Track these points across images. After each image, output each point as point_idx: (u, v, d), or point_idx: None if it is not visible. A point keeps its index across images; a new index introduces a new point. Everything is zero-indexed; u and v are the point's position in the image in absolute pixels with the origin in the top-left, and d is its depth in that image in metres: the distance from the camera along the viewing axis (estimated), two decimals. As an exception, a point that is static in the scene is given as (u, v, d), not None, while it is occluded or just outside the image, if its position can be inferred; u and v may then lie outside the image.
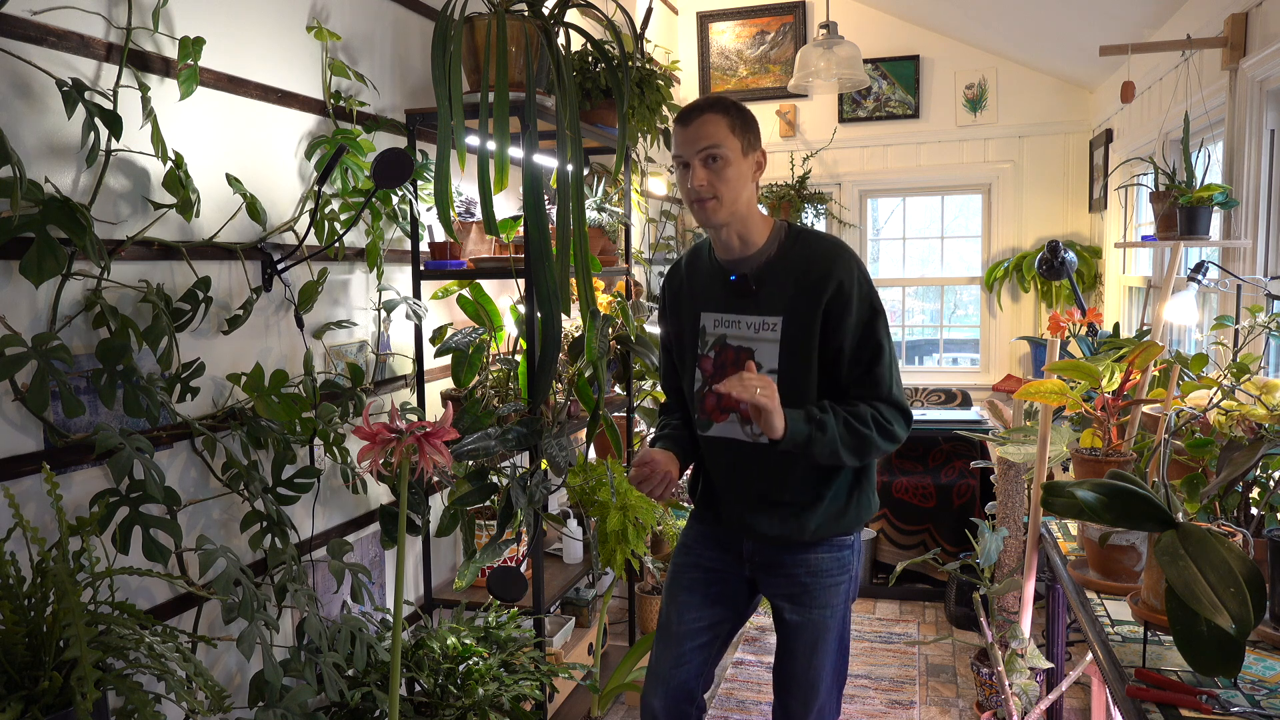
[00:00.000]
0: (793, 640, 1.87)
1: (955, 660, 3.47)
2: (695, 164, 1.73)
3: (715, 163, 1.73)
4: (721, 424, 1.84)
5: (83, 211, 1.44)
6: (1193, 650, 1.23)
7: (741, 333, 1.82)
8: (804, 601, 1.85)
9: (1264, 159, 2.63)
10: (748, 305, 1.81)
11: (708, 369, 1.86)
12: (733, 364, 1.81)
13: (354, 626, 1.87)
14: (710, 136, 1.72)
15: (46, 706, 1.23)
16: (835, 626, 1.86)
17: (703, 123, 1.73)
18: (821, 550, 1.85)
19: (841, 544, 1.87)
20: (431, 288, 2.69)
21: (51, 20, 1.55)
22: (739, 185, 1.75)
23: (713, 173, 1.73)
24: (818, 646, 1.84)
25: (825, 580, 1.85)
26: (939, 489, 3.99)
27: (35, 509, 1.53)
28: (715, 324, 1.86)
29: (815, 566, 1.84)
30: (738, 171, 1.75)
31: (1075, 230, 4.86)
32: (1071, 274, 3.92)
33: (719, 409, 1.84)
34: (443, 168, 1.97)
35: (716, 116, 1.74)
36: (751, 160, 1.78)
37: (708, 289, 1.88)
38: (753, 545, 1.89)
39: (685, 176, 1.75)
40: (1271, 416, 1.73)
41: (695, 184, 1.73)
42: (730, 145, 1.73)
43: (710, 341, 1.86)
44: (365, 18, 2.42)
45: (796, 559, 1.85)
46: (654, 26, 4.49)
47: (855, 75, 3.72)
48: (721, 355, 1.84)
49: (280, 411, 1.86)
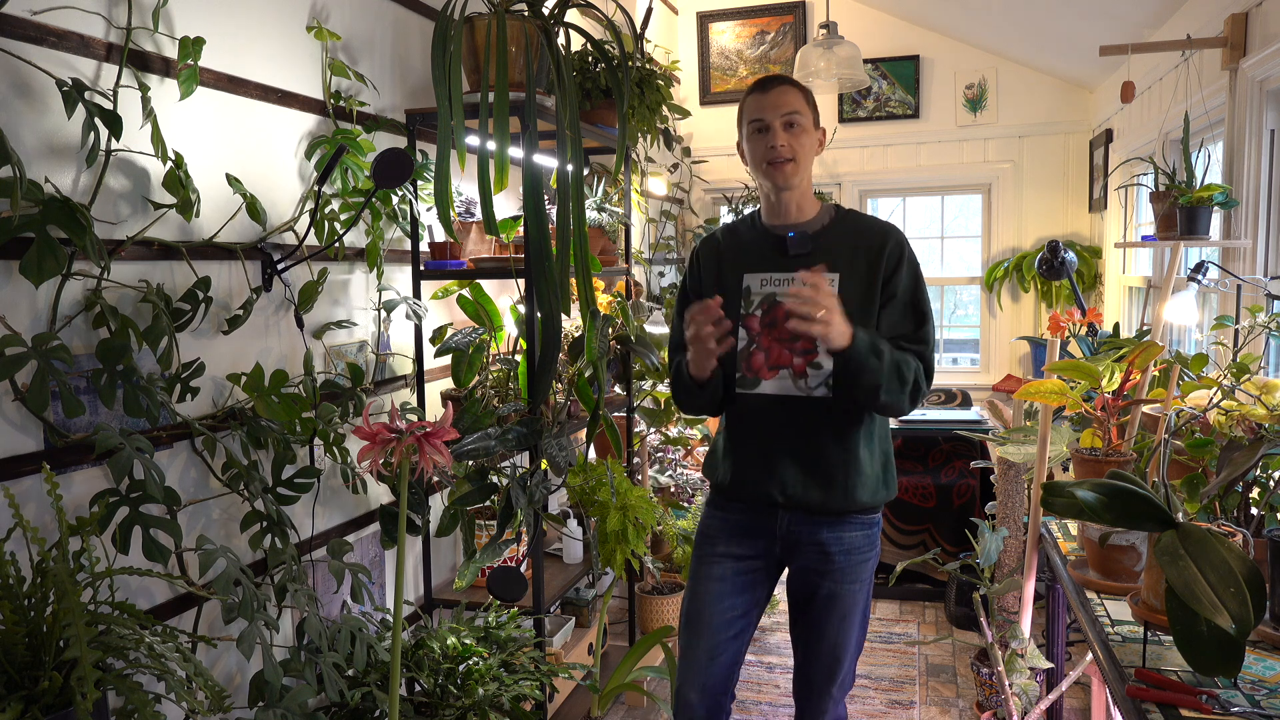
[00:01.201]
0: (823, 614, 1.91)
1: (955, 660, 3.47)
2: (777, 126, 1.85)
3: (794, 128, 1.86)
4: (771, 380, 1.88)
5: (83, 211, 1.44)
6: (1193, 650, 1.23)
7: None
8: (836, 577, 1.90)
9: (1264, 159, 2.63)
10: (803, 263, 1.86)
11: (754, 327, 1.90)
12: (784, 320, 1.81)
13: (354, 626, 1.87)
14: (791, 104, 1.86)
15: (46, 706, 1.23)
16: (862, 600, 1.93)
17: (783, 91, 1.87)
18: (854, 528, 1.90)
19: (872, 521, 1.93)
20: (431, 288, 2.69)
21: (51, 20, 1.55)
22: (810, 153, 1.90)
23: (792, 136, 1.86)
24: (847, 619, 1.91)
25: (856, 557, 1.91)
26: (939, 489, 3.99)
27: (35, 509, 1.53)
28: (763, 283, 1.91)
29: (849, 544, 1.90)
30: (811, 140, 1.90)
31: (1075, 230, 4.86)
32: (1071, 274, 3.92)
33: (768, 365, 1.88)
34: (443, 168, 1.97)
35: (793, 88, 1.88)
36: (817, 135, 1.93)
37: (752, 253, 1.95)
38: (788, 519, 1.90)
39: (763, 140, 1.86)
40: (1271, 416, 1.73)
41: (778, 143, 1.84)
42: (806, 115, 1.88)
43: (756, 301, 1.91)
44: (365, 18, 2.42)
45: (831, 535, 1.89)
46: (654, 26, 4.49)
47: (855, 75, 3.72)
48: (771, 312, 1.88)
49: (280, 411, 1.86)
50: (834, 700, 1.96)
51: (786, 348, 1.86)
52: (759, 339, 1.89)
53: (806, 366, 1.85)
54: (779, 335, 1.86)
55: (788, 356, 1.86)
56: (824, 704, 1.96)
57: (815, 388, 1.84)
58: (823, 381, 1.84)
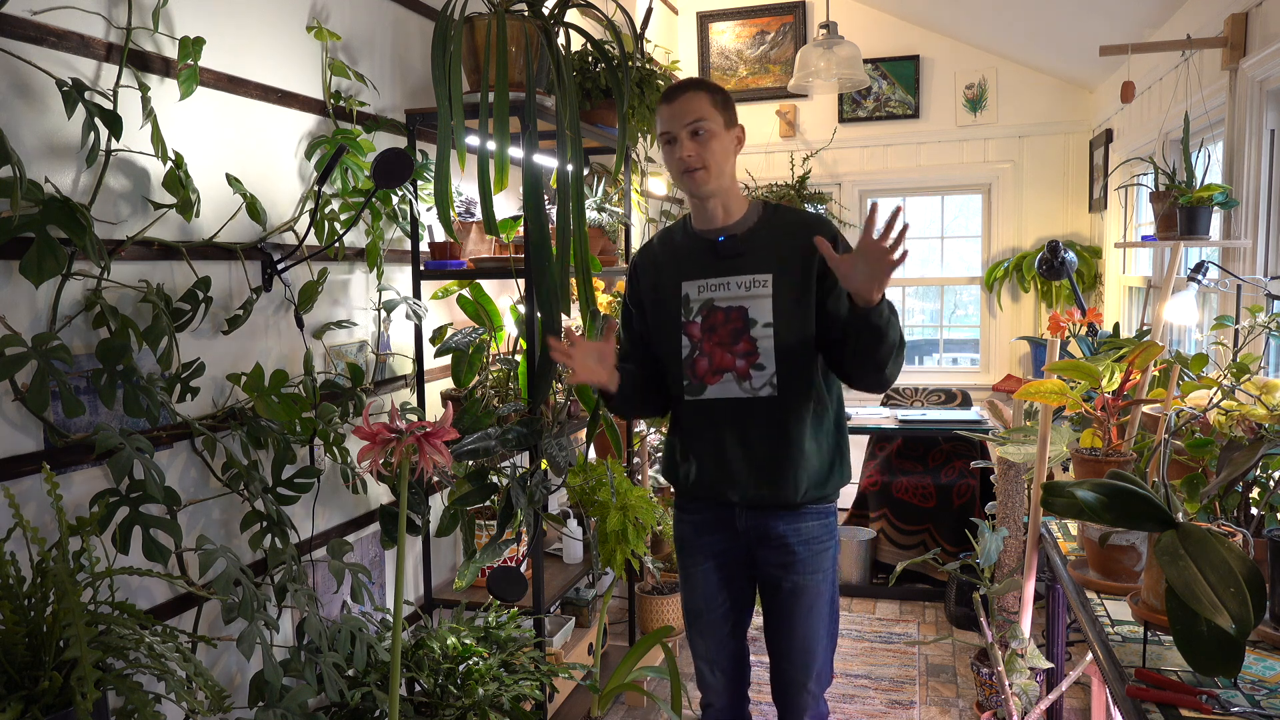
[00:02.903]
0: (788, 607, 1.96)
1: (955, 660, 3.47)
2: (683, 137, 1.83)
3: (701, 135, 1.83)
4: (716, 385, 1.90)
5: (83, 211, 1.44)
6: (1193, 650, 1.23)
7: (731, 293, 1.88)
8: (797, 569, 1.93)
9: (1264, 159, 2.63)
10: (735, 266, 1.89)
11: (695, 334, 1.92)
12: (721, 324, 1.88)
13: (354, 626, 1.87)
14: (696, 111, 1.83)
15: (46, 706, 1.23)
16: (826, 590, 1.97)
17: (689, 98, 1.84)
18: (810, 518, 1.94)
19: (827, 510, 1.97)
20: (431, 288, 2.69)
21: (51, 20, 1.55)
22: (724, 157, 1.86)
23: (700, 144, 1.83)
24: (812, 610, 1.95)
25: (815, 547, 1.94)
26: (939, 489, 3.99)
27: (35, 509, 1.53)
28: (700, 290, 1.91)
29: (806, 534, 1.93)
30: (722, 145, 1.85)
31: (1075, 230, 4.86)
32: (1071, 274, 3.92)
33: (711, 370, 1.90)
34: (443, 168, 1.97)
35: (699, 93, 1.84)
36: (733, 135, 1.89)
37: (687, 260, 1.95)
38: (746, 517, 1.95)
39: (673, 150, 1.85)
40: (1271, 416, 1.73)
41: (684, 155, 1.83)
42: (714, 119, 1.84)
43: (695, 308, 1.91)
44: (365, 18, 2.42)
45: (788, 528, 1.93)
46: (654, 26, 4.48)
47: (855, 75, 3.72)
48: (710, 318, 1.90)
49: (280, 411, 1.86)
50: (813, 696, 1.99)
51: (728, 351, 1.88)
52: (700, 345, 1.91)
53: (750, 369, 1.87)
54: (719, 340, 1.88)
55: (730, 360, 1.88)
56: (803, 700, 1.99)
57: (760, 388, 1.87)
58: (767, 381, 1.86)
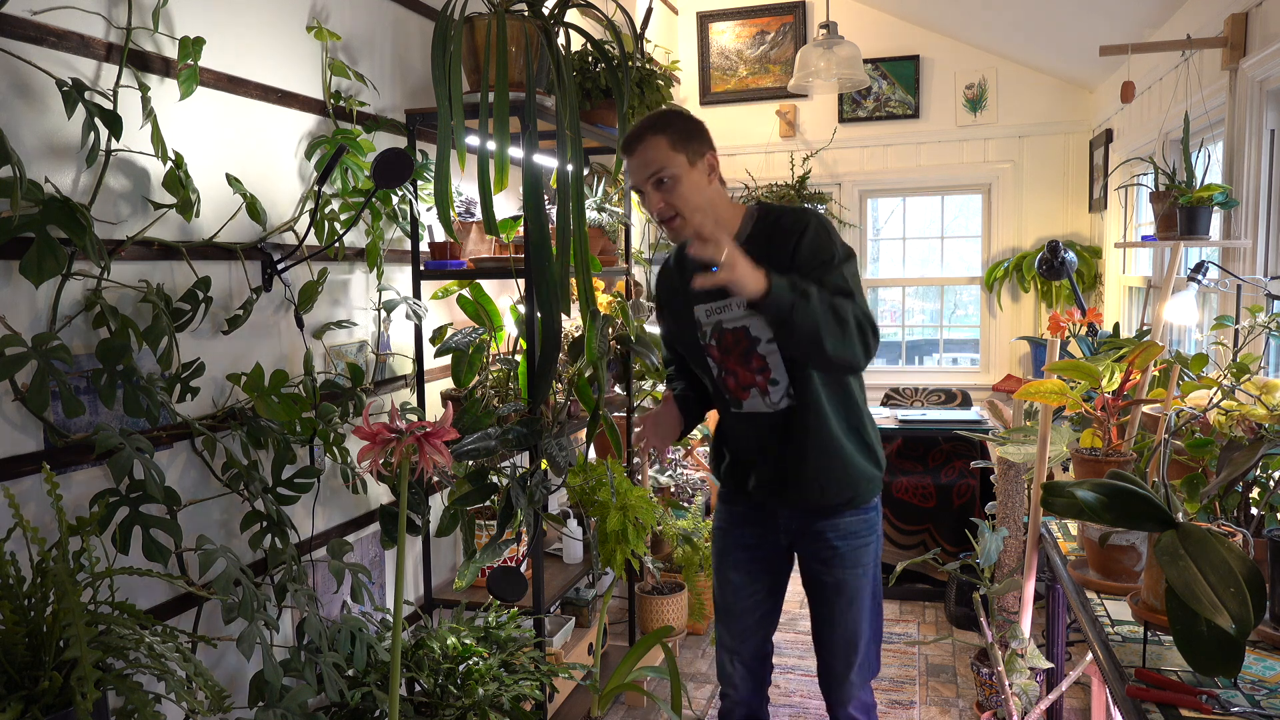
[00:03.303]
0: (830, 601, 1.98)
1: (955, 660, 3.47)
2: (648, 190, 1.80)
3: (664, 184, 1.78)
4: (748, 400, 1.92)
5: (83, 211, 1.44)
6: (1193, 650, 1.23)
7: (733, 314, 1.88)
8: (837, 564, 1.95)
9: (1264, 159, 2.63)
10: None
11: (716, 355, 1.93)
12: (733, 345, 1.89)
13: (354, 626, 1.87)
14: (654, 161, 1.77)
15: (46, 706, 1.23)
16: (868, 585, 1.98)
17: (644, 149, 1.78)
18: (848, 515, 1.95)
19: (867, 507, 1.98)
20: (431, 288, 2.69)
21: (51, 20, 1.55)
22: (696, 194, 1.80)
23: (666, 193, 1.78)
24: (854, 604, 1.97)
25: (855, 542, 1.96)
26: (939, 489, 3.99)
27: (35, 509, 1.53)
28: (708, 314, 1.92)
29: (845, 530, 1.95)
30: (691, 183, 1.79)
31: (1075, 230, 4.85)
32: (1071, 274, 3.92)
33: (740, 388, 1.92)
34: (443, 168, 1.97)
35: (655, 138, 1.78)
36: (702, 167, 1.82)
37: (691, 284, 1.91)
38: (787, 514, 1.99)
39: (644, 200, 1.83)
40: (1271, 416, 1.73)
41: (654, 208, 1.80)
42: (675, 163, 1.77)
43: (709, 331, 1.93)
44: (365, 18, 2.42)
45: (828, 524, 1.95)
46: (654, 26, 4.49)
47: (855, 75, 3.72)
48: (722, 340, 1.91)
49: (280, 411, 1.86)
50: (856, 686, 2.02)
51: (745, 369, 1.89)
52: (723, 364, 1.92)
53: (767, 384, 1.88)
54: (736, 359, 1.90)
55: (750, 376, 1.89)
56: (847, 691, 2.02)
57: (779, 401, 1.88)
58: (784, 394, 1.87)
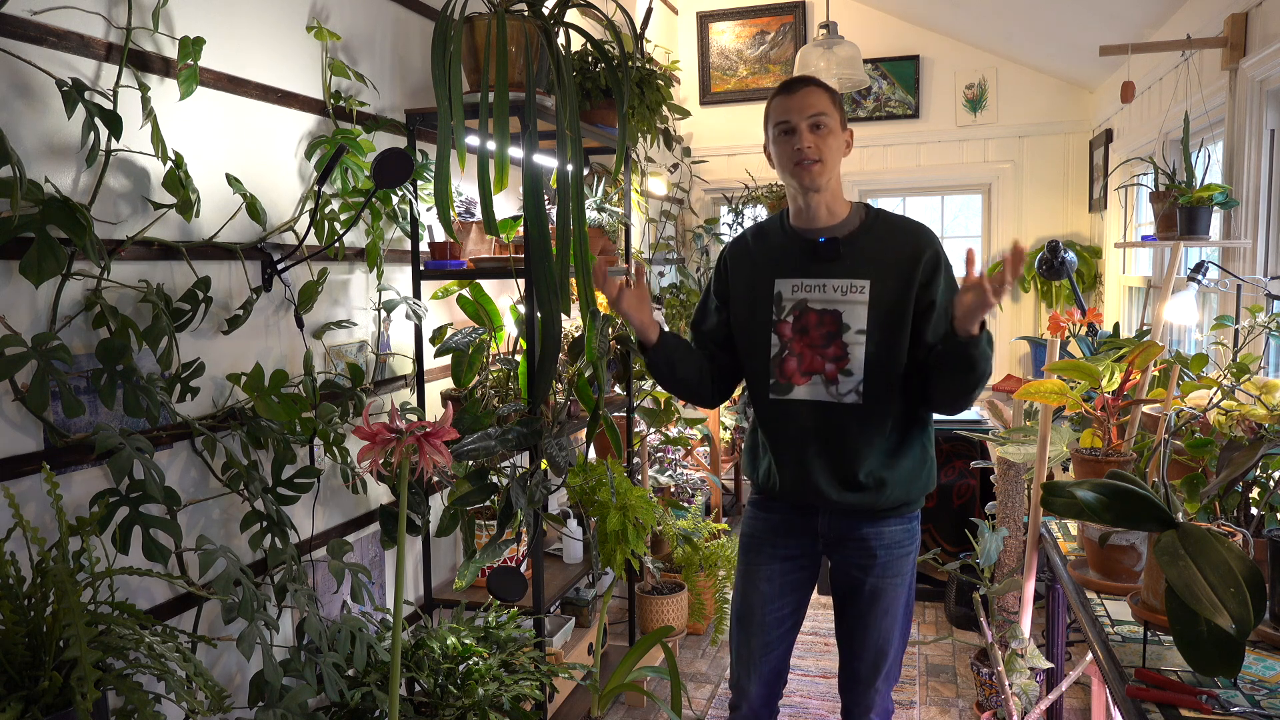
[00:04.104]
0: (864, 609, 1.94)
1: (955, 660, 3.47)
2: (803, 128, 1.83)
3: (820, 130, 1.83)
4: (804, 386, 1.88)
5: (83, 211, 1.44)
6: (1193, 650, 1.23)
7: (827, 295, 1.86)
8: (878, 572, 1.92)
9: (1264, 159, 2.63)
10: (833, 269, 1.87)
11: (785, 333, 1.89)
12: (815, 327, 1.86)
13: (354, 626, 1.87)
14: (817, 105, 1.84)
15: (46, 706, 1.23)
16: (904, 594, 1.95)
17: (809, 92, 1.85)
18: (894, 523, 1.92)
19: (910, 516, 1.95)
20: (431, 288, 2.69)
21: (51, 20, 1.55)
22: (837, 155, 1.88)
23: (819, 137, 1.83)
24: (888, 612, 1.93)
25: (897, 551, 1.93)
26: (939, 489, 3.99)
27: (35, 509, 1.53)
28: (794, 289, 1.89)
29: (889, 539, 1.92)
30: (838, 142, 1.87)
31: (1075, 230, 4.86)
32: (1071, 274, 3.92)
33: (800, 371, 1.88)
34: (443, 168, 1.97)
35: (820, 90, 1.86)
36: (844, 137, 1.90)
37: (783, 257, 1.93)
38: (828, 519, 1.94)
39: (789, 142, 1.84)
40: (1271, 416, 1.73)
41: (804, 145, 1.82)
42: (833, 117, 1.86)
43: (788, 307, 1.90)
44: (365, 18, 2.42)
45: (871, 531, 1.91)
46: (654, 26, 4.49)
47: (855, 75, 3.72)
48: (802, 319, 1.88)
49: (280, 411, 1.86)
50: (879, 693, 2.00)
51: (819, 354, 1.86)
52: (790, 345, 1.89)
53: (838, 373, 1.85)
54: (811, 341, 1.86)
55: (820, 362, 1.86)
56: (870, 698, 1.99)
57: (845, 394, 1.85)
58: (853, 388, 1.84)
